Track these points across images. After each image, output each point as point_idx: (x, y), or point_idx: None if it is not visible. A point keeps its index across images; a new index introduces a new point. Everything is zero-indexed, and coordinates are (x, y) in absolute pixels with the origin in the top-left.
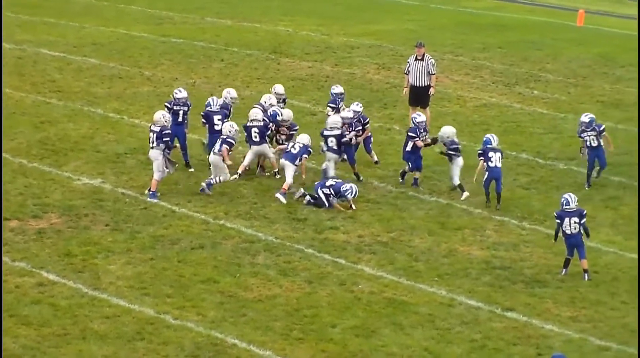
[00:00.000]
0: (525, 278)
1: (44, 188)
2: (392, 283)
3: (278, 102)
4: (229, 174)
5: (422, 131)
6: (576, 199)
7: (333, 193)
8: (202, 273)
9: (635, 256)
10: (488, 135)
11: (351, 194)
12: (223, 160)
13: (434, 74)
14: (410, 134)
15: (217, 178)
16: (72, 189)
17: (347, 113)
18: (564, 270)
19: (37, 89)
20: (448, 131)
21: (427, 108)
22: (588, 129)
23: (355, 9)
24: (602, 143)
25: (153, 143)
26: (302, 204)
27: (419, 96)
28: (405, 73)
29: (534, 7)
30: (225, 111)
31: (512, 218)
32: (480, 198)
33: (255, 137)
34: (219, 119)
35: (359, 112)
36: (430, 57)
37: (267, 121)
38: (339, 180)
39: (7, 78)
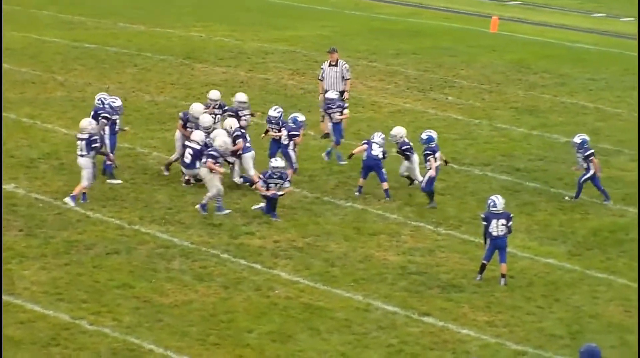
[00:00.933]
0: (441, 283)
1: None
2: (308, 288)
3: (214, 107)
4: (220, 188)
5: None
6: (503, 201)
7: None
8: (118, 278)
9: (551, 261)
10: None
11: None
12: (211, 171)
13: (348, 78)
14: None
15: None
16: None
17: (272, 112)
18: (479, 275)
19: None
20: (400, 131)
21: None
22: (579, 150)
23: (268, 15)
24: (590, 167)
25: (82, 150)
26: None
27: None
28: (320, 79)
29: (449, 13)
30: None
31: (427, 223)
32: (397, 203)
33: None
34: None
35: (277, 117)
36: (344, 62)
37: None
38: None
39: None
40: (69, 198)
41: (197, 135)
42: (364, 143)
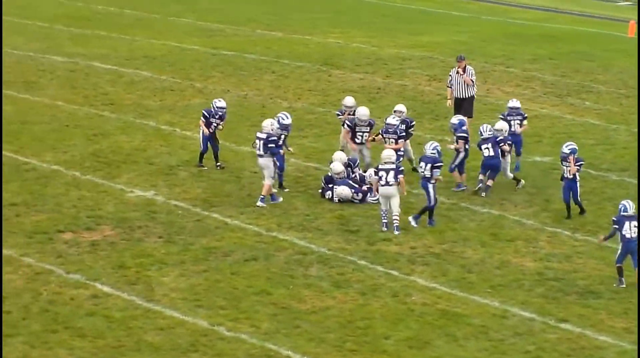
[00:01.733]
0: (578, 289)
1: (97, 200)
2: (445, 294)
3: (349, 114)
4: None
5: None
6: (634, 206)
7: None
8: (256, 284)
9: None
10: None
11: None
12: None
13: (474, 83)
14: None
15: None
16: (125, 201)
17: (392, 119)
18: (621, 279)
19: (90, 101)
20: (504, 125)
21: (471, 119)
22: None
23: (404, 21)
24: None
25: (260, 149)
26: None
27: (463, 108)
28: (449, 86)
29: (584, 17)
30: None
31: (564, 229)
32: (534, 209)
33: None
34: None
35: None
36: (470, 67)
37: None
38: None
39: (60, 91)
40: (259, 201)
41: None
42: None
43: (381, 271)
